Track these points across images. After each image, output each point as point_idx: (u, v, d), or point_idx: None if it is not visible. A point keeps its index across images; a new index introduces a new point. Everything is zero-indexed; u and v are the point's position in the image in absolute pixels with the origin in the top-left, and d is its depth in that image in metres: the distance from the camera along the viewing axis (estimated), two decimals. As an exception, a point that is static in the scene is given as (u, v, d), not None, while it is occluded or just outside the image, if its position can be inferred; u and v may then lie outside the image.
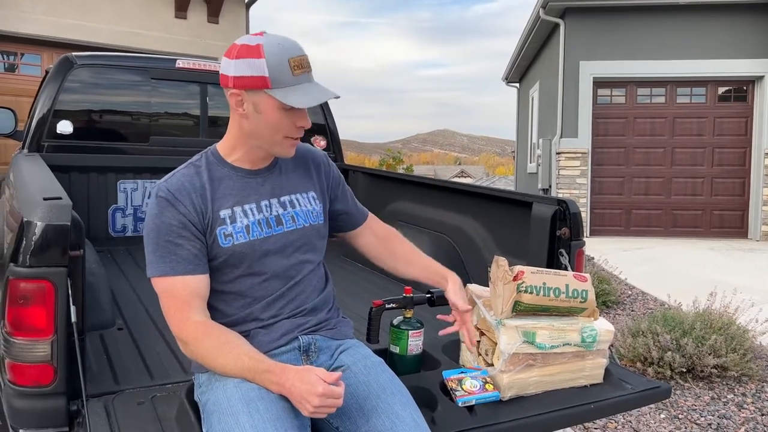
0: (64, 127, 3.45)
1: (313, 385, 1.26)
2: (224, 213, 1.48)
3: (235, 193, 1.51)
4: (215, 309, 1.50)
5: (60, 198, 1.63)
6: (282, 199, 1.57)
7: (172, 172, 1.53)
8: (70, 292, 1.53)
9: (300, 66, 1.42)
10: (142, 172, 3.76)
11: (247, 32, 9.51)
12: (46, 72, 3.61)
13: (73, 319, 1.53)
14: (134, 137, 3.74)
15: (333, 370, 1.48)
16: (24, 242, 1.52)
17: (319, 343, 1.54)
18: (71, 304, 1.53)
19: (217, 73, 3.83)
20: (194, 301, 1.42)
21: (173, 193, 1.45)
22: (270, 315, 1.51)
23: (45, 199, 1.61)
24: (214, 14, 9.03)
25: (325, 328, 1.58)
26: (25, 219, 1.55)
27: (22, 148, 3.44)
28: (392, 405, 1.39)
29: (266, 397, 1.35)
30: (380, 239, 1.80)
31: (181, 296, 1.41)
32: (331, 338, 1.57)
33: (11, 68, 7.79)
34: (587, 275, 1.85)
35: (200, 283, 1.44)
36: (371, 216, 1.83)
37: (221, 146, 1.56)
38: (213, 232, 1.46)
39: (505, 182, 26.38)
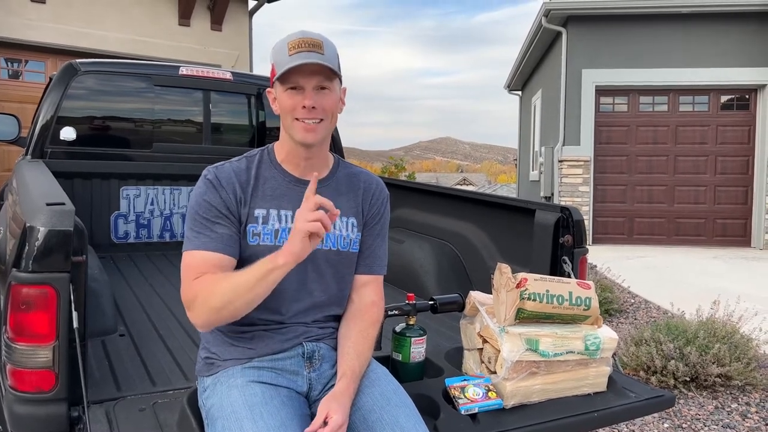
0: (68, 133, 3.46)
1: (301, 208, 1.30)
2: (259, 212, 1.49)
3: (276, 195, 1.51)
4: None
5: (63, 203, 1.63)
6: None
7: (225, 160, 1.55)
8: (72, 297, 1.53)
9: (296, 46, 1.43)
10: (145, 179, 3.77)
11: (251, 40, 9.54)
12: (50, 79, 3.62)
13: (75, 324, 1.53)
14: (137, 144, 3.75)
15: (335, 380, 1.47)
16: (27, 247, 1.52)
17: (323, 352, 1.53)
18: (73, 309, 1.53)
19: (219, 80, 3.89)
20: (210, 270, 1.39)
21: (219, 179, 1.48)
22: (278, 320, 1.51)
23: (48, 204, 1.61)
24: (217, 22, 9.06)
25: (330, 338, 1.57)
26: (27, 224, 1.55)
27: (26, 154, 3.45)
28: (397, 417, 1.38)
29: (270, 402, 1.34)
30: (355, 304, 1.60)
31: (199, 266, 1.39)
32: (335, 348, 1.56)
33: (15, 75, 7.81)
34: (591, 283, 1.84)
35: (225, 262, 1.42)
36: (376, 280, 1.64)
37: (276, 143, 1.59)
38: (245, 227, 1.48)
39: (507, 190, 26.36)
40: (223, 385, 1.41)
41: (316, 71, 1.43)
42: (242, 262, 1.47)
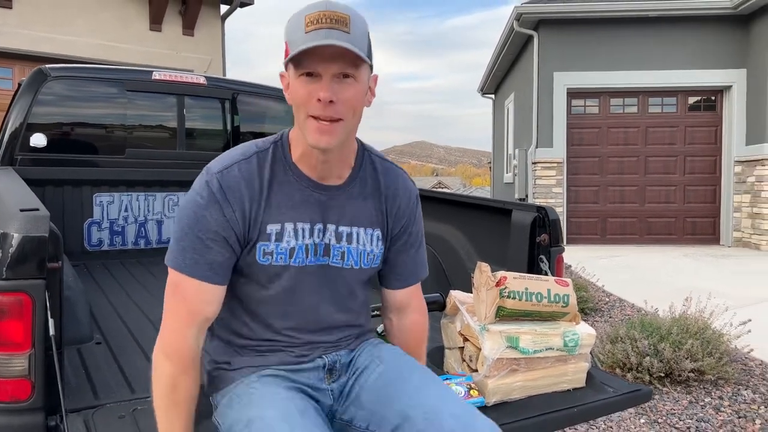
0: (38, 140, 3.40)
1: None
2: (272, 228, 1.29)
3: (292, 205, 1.31)
4: (237, 318, 1.40)
5: (37, 209, 1.60)
6: (341, 228, 1.36)
7: (232, 156, 1.31)
8: (48, 304, 1.50)
9: (316, 21, 1.15)
10: (118, 185, 3.72)
11: (223, 45, 9.48)
12: (19, 84, 3.56)
13: (52, 332, 1.50)
14: (110, 150, 3.69)
15: (352, 378, 1.42)
16: (0, 254, 1.49)
17: (344, 360, 1.44)
18: (49, 317, 1.50)
19: (193, 85, 3.86)
20: (198, 316, 1.29)
21: (225, 192, 1.25)
22: (293, 336, 1.39)
23: (22, 210, 1.58)
24: (189, 27, 9.00)
25: (350, 345, 1.48)
26: (0, 231, 1.52)
27: (-5, 161, 3.38)
28: (411, 383, 1.32)
29: (306, 412, 1.26)
30: (401, 326, 1.58)
31: (188, 303, 1.27)
32: (351, 350, 1.47)
33: (-19, 82, 7.66)
34: (568, 280, 1.87)
35: (214, 293, 1.29)
36: (417, 287, 1.57)
37: (292, 132, 1.35)
38: (254, 244, 1.30)
39: (482, 193, 26.55)
40: (240, 397, 1.31)
41: (337, 55, 1.16)
42: (250, 278, 1.34)
